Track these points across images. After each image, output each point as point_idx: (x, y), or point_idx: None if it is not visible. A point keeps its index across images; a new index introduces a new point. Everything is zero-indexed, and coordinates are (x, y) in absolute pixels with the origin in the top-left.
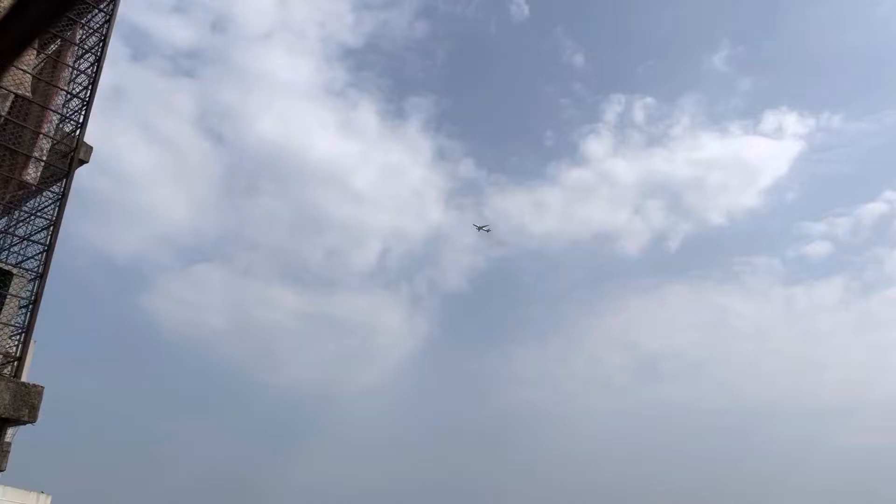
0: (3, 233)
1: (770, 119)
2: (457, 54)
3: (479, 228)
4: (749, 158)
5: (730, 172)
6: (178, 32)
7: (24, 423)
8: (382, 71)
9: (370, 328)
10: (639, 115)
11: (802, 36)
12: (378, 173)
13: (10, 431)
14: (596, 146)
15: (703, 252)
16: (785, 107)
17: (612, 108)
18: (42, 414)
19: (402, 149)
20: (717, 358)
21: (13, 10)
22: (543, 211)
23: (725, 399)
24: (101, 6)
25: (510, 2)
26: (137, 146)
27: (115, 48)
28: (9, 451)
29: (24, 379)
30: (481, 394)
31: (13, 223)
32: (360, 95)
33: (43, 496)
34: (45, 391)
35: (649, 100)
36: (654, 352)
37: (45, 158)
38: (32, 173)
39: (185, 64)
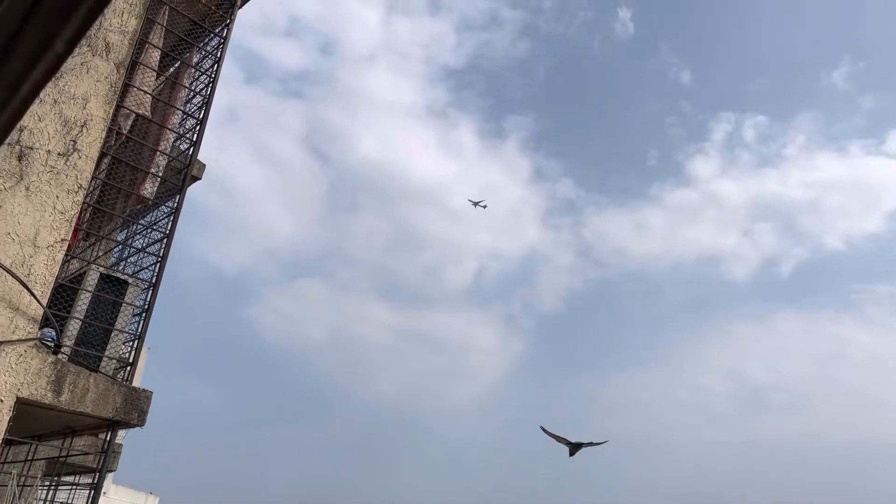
0: (121, 244)
1: (895, 139)
2: (558, 73)
3: (476, 204)
4: (871, 180)
5: (849, 195)
6: (289, 55)
7: (134, 426)
8: (483, 90)
9: (463, 347)
10: (749, 134)
11: None
12: (476, 192)
13: (120, 433)
14: (702, 166)
15: (818, 278)
16: None
17: (721, 127)
18: (151, 417)
19: (500, 168)
20: (833, 391)
21: None
22: (645, 232)
23: (841, 434)
24: (216, 31)
25: (614, 20)
26: (248, 164)
27: (231, 71)
28: (120, 453)
29: (136, 384)
30: (576, 419)
31: (130, 236)
32: (460, 115)
33: (151, 497)
34: (156, 396)
35: (761, 118)
36: (763, 382)
37: (160, 174)
38: (149, 188)
39: (294, 85)
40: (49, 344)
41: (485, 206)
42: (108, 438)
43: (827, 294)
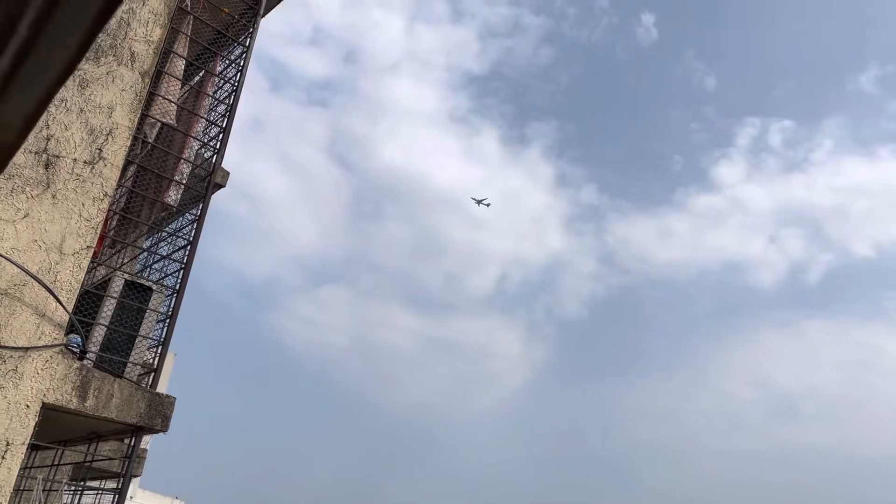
0: (146, 251)
1: None
2: (581, 79)
3: (479, 202)
4: None
5: (878, 200)
6: (313, 64)
7: (157, 431)
8: (505, 97)
9: (486, 353)
10: (775, 138)
11: None
12: (498, 198)
13: (146, 438)
14: (728, 171)
15: (847, 285)
16: None
17: (746, 132)
18: (179, 422)
19: (522, 174)
20: (864, 400)
21: None
22: (669, 238)
23: (873, 445)
24: (240, 40)
25: (637, 25)
26: (273, 172)
27: (256, 80)
28: (144, 458)
29: (162, 389)
30: (600, 425)
31: (155, 243)
32: (482, 121)
33: (177, 501)
34: (183, 402)
35: (787, 123)
36: (790, 390)
37: (184, 182)
38: (173, 196)
39: (318, 94)
40: (75, 350)
41: (488, 204)
42: (132, 444)
43: (856, 301)
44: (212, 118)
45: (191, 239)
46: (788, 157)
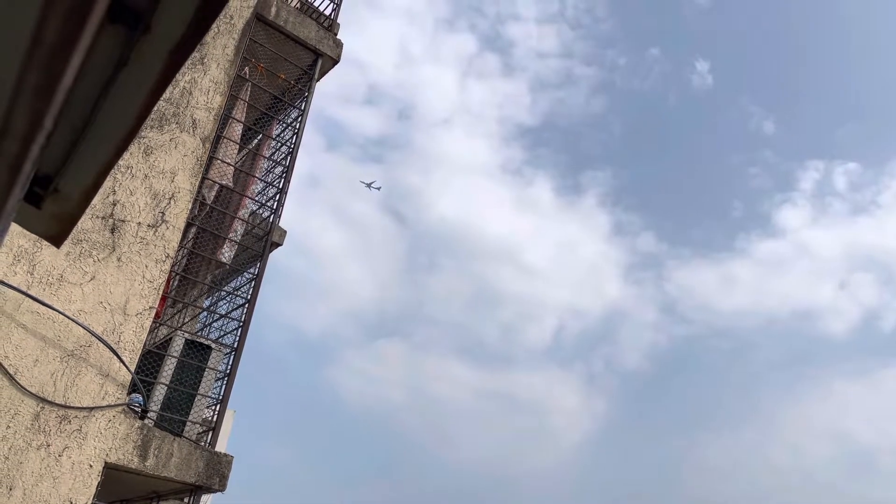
0: (206, 310)
1: None
2: (635, 127)
3: (368, 185)
4: None
5: None
6: (368, 122)
7: (215, 491)
8: (558, 147)
9: (545, 407)
10: (840, 181)
11: None
12: (553, 249)
13: (205, 498)
14: (791, 216)
15: None
16: None
17: (809, 176)
18: (241, 479)
19: (578, 224)
20: None
21: None
22: (732, 286)
23: None
24: (296, 103)
25: (692, 72)
26: (329, 227)
27: (313, 139)
28: None
29: (221, 448)
30: (665, 483)
31: (215, 301)
32: (535, 172)
33: None
34: (243, 458)
35: (852, 165)
36: (870, 445)
37: (238, 240)
38: (227, 254)
39: (373, 150)
40: (136, 409)
41: (378, 188)
42: (190, 503)
43: None
44: (269, 179)
45: (249, 297)
46: (855, 201)
